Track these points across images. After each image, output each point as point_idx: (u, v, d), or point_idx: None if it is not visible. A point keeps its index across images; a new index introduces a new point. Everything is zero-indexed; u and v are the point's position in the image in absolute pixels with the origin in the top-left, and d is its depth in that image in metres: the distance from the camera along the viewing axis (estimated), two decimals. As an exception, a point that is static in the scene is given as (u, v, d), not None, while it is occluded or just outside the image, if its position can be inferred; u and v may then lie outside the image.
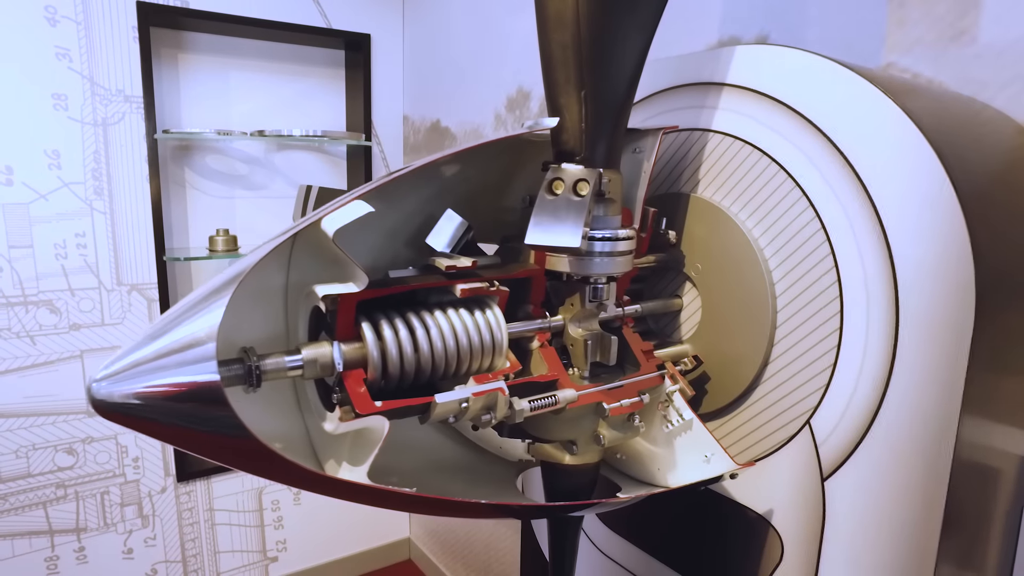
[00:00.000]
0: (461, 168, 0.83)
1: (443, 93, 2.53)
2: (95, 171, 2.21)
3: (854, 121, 0.75)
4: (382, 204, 0.76)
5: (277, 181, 2.65)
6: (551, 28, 0.73)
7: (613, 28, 0.72)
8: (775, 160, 0.82)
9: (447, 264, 0.69)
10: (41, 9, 2.08)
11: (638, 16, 0.73)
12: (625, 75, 0.74)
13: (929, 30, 1.10)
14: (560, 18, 0.72)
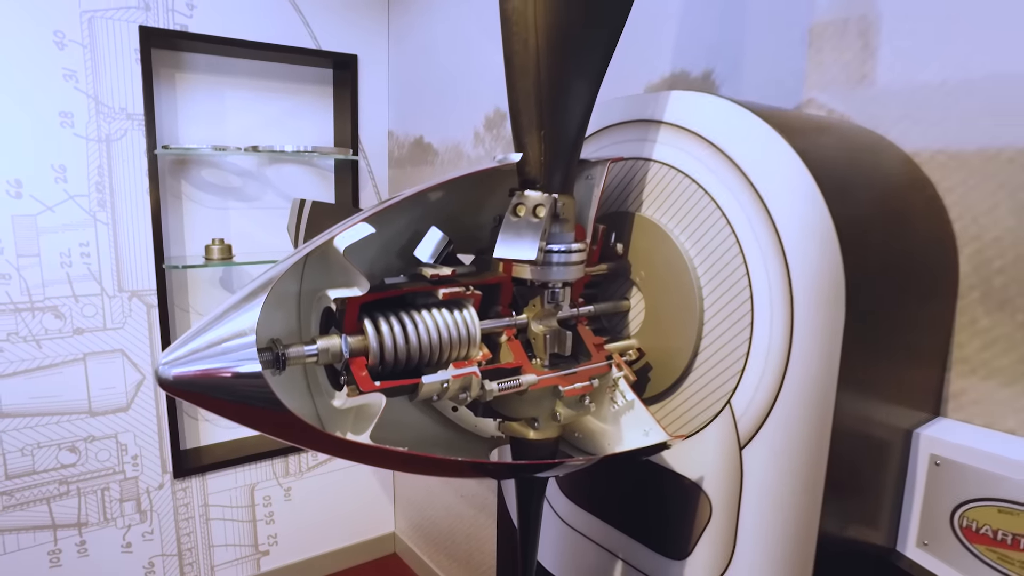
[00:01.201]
0: (443, 194, 1.00)
1: (426, 111, 2.70)
2: (99, 184, 2.35)
3: (758, 156, 0.93)
4: (378, 224, 0.93)
5: (269, 193, 2.81)
6: (517, 77, 0.91)
7: (567, 79, 0.90)
8: (701, 187, 1.00)
9: (431, 273, 0.86)
10: (50, 34, 2.22)
11: (588, 70, 0.91)
12: (577, 118, 0.91)
13: (840, 73, 1.30)
14: (524, 68, 0.90)
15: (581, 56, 0.89)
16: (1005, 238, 1.07)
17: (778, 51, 1.41)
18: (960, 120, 1.13)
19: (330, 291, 0.80)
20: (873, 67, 1.26)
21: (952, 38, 1.14)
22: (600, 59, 0.90)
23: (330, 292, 0.80)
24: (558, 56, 0.88)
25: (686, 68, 1.61)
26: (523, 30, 0.87)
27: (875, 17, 1.25)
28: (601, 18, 0.88)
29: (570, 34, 0.88)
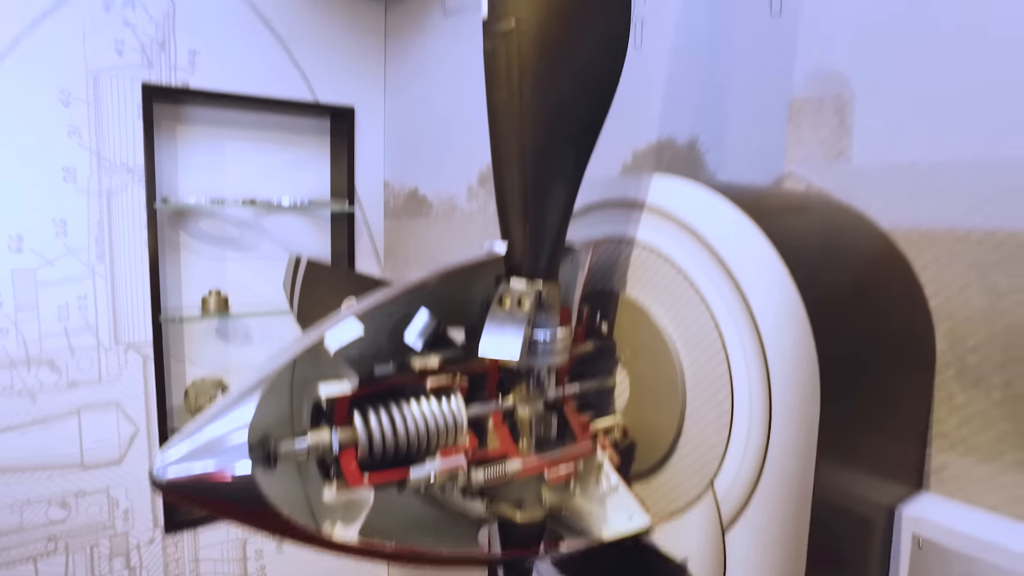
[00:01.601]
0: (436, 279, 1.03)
1: (421, 163, 2.76)
2: (98, 238, 2.39)
3: (735, 245, 0.97)
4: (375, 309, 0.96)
5: (266, 243, 2.85)
6: (503, 171, 0.95)
7: (551, 169, 0.94)
8: (683, 272, 1.03)
9: (420, 365, 0.88)
10: (57, 93, 2.28)
11: (572, 165, 0.95)
12: (561, 208, 0.95)
13: (817, 149, 1.35)
14: (510, 162, 0.94)
15: (565, 147, 0.93)
16: (976, 317, 1.10)
17: (760, 123, 1.46)
18: (932, 200, 1.17)
19: (321, 387, 0.83)
20: (849, 144, 1.30)
21: (920, 122, 1.19)
22: (584, 150, 0.94)
23: (321, 389, 0.82)
24: (543, 148, 0.92)
25: (672, 135, 1.66)
26: (509, 122, 0.91)
27: (849, 97, 1.30)
28: (584, 110, 0.92)
29: (555, 126, 0.92)
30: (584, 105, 0.92)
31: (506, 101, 0.91)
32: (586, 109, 0.92)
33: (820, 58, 1.35)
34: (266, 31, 2.70)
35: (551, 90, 0.90)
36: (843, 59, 1.31)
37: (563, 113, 0.90)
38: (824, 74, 1.34)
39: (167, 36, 2.48)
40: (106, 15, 2.36)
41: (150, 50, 2.45)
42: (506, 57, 0.91)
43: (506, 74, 0.91)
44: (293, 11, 2.76)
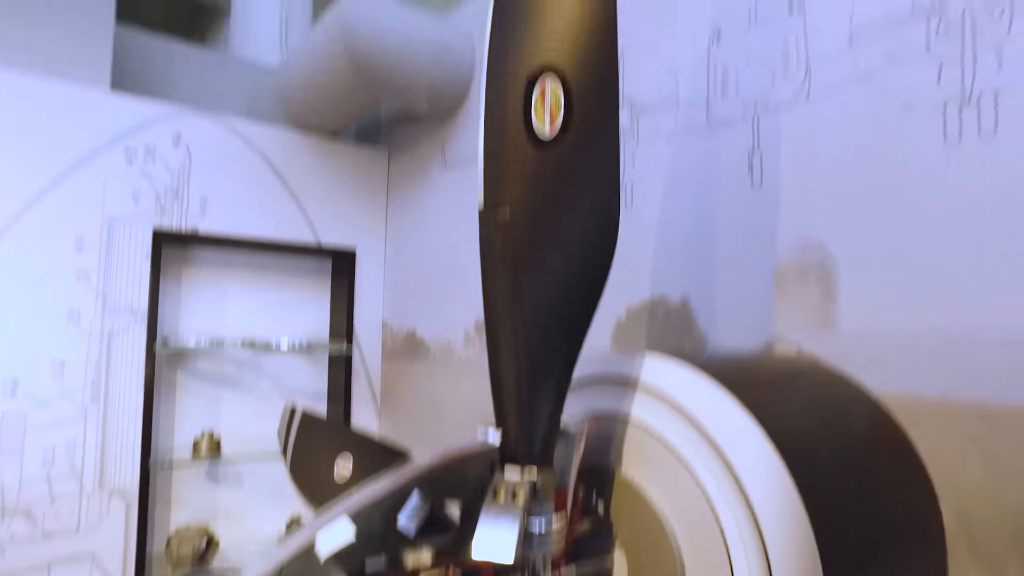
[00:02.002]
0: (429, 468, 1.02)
1: (420, 306, 2.81)
2: (95, 379, 2.38)
3: (727, 430, 0.97)
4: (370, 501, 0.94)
5: (264, 383, 2.84)
6: (500, 359, 0.96)
7: (546, 359, 0.96)
8: (676, 453, 1.02)
9: (413, 562, 0.86)
10: (72, 240, 2.37)
11: (566, 348, 0.97)
12: (555, 392, 0.96)
13: (804, 315, 1.38)
14: (507, 351, 0.96)
15: (560, 336, 0.95)
16: (981, 494, 1.08)
17: (747, 288, 1.51)
18: (919, 368, 1.18)
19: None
20: (835, 312, 1.34)
21: (899, 293, 1.23)
22: (577, 342, 0.96)
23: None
24: (537, 337, 0.94)
25: (665, 293, 1.71)
26: (505, 311, 0.94)
27: (832, 266, 1.36)
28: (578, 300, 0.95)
29: (549, 316, 0.95)
30: (578, 293, 0.95)
31: (500, 289, 0.94)
32: (580, 296, 0.95)
33: (801, 228, 1.42)
34: (275, 179, 2.85)
35: (545, 279, 0.94)
36: (823, 230, 1.38)
37: (558, 302, 0.93)
38: (806, 243, 1.41)
39: (181, 184, 2.61)
40: (128, 167, 2.50)
41: (164, 198, 2.57)
42: (501, 245, 0.96)
43: (501, 262, 0.95)
44: (301, 160, 2.93)
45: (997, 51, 1.16)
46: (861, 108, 1.34)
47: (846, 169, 1.35)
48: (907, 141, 1.26)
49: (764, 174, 1.51)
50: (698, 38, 1.71)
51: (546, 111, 1.01)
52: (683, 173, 1.71)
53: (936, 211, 1.20)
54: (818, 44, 1.45)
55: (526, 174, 1.00)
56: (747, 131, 1.57)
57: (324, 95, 2.69)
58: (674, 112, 1.76)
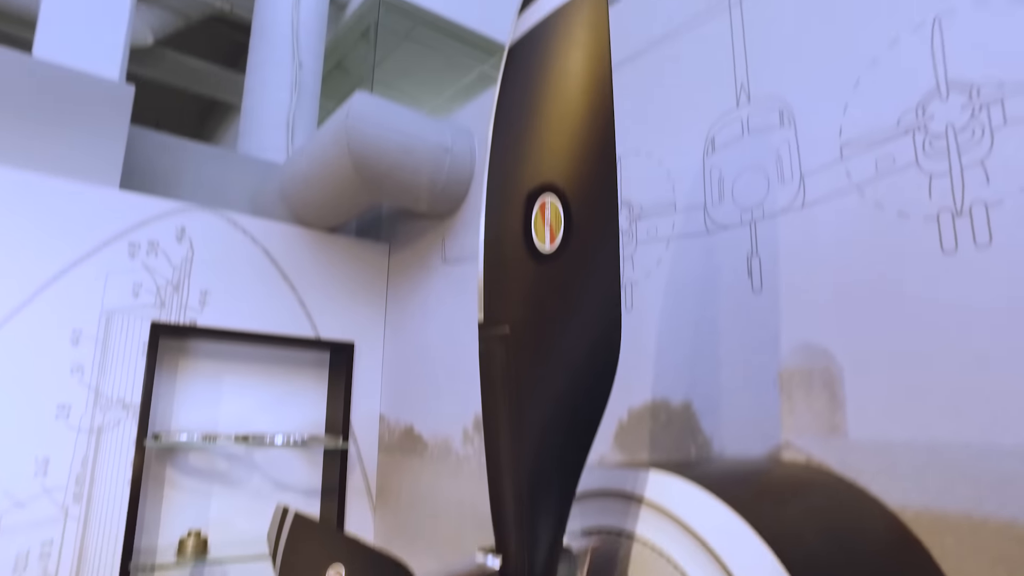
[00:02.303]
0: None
1: (418, 401, 2.77)
2: (79, 476, 2.31)
3: (735, 549, 0.92)
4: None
5: (256, 478, 2.75)
6: (500, 478, 0.93)
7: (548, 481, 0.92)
8: (684, 572, 0.97)
9: None
10: (69, 332, 2.36)
11: (568, 468, 0.93)
12: (557, 514, 0.92)
13: (812, 420, 1.35)
14: (509, 471, 0.93)
15: (562, 454, 0.92)
16: (1013, 624, 1.02)
17: (752, 392, 1.49)
18: (937, 481, 1.14)
19: None
20: (843, 418, 1.31)
21: (909, 401, 1.21)
22: (580, 458, 0.93)
23: None
24: (538, 455, 0.91)
25: (666, 396, 1.68)
26: (506, 430, 0.91)
27: (837, 371, 1.34)
28: (581, 426, 0.93)
29: (551, 433, 0.93)
30: (580, 410, 0.93)
31: (500, 406, 0.92)
32: (582, 413, 0.93)
33: (804, 333, 1.41)
34: (275, 272, 2.88)
35: (547, 396, 0.92)
36: (826, 335, 1.37)
37: (559, 420, 0.91)
38: (809, 348, 1.40)
39: (182, 278, 2.63)
40: (130, 261, 2.53)
41: (164, 291, 2.58)
42: (502, 361, 0.95)
43: (501, 377, 0.94)
44: (302, 253, 2.97)
45: (983, 167, 1.20)
46: (857, 216, 1.37)
47: (846, 275, 1.36)
48: (905, 249, 1.27)
49: (764, 278, 1.52)
50: (693, 146, 1.77)
51: (546, 227, 1.02)
52: (683, 276, 1.72)
53: (940, 318, 1.19)
54: (810, 155, 1.49)
55: (527, 289, 1.01)
56: (745, 236, 1.59)
57: (326, 194, 2.76)
58: (672, 216, 1.79)
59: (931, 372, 1.19)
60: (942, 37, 1.30)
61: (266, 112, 4.17)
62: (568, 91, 1.08)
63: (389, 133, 2.51)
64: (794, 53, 1.57)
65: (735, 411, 1.51)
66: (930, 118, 1.29)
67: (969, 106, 1.24)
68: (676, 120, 1.84)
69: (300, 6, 4.52)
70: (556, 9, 1.15)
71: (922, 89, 1.31)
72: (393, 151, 2.52)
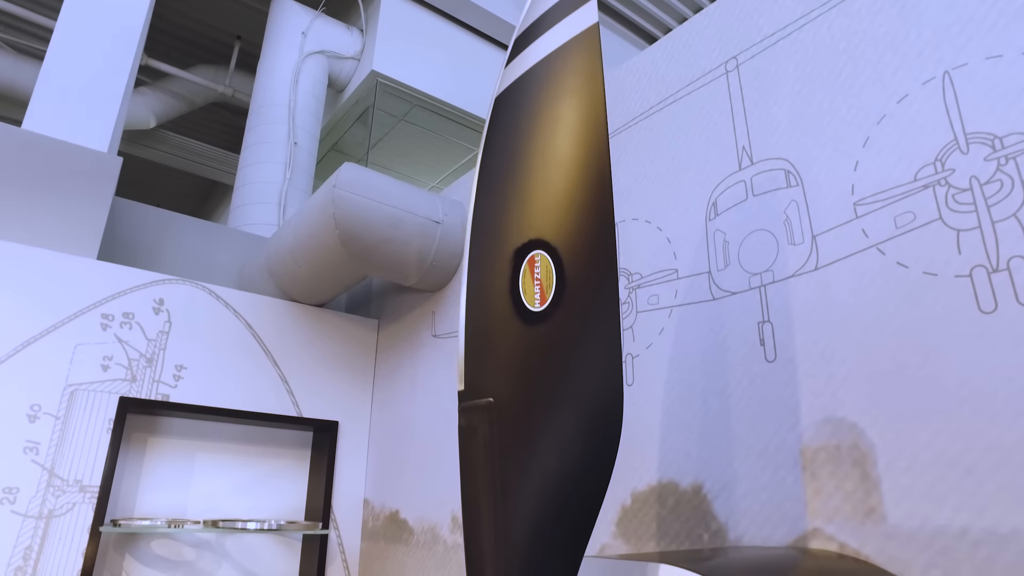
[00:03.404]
0: None
1: (404, 485, 2.56)
2: (19, 569, 2.07)
3: None
4: None
5: (225, 567, 2.50)
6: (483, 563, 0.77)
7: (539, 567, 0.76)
8: None
9: None
10: (27, 408, 2.18)
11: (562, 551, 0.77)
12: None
13: (844, 503, 1.19)
14: (490, 555, 0.76)
15: (556, 540, 0.77)
16: None
17: (770, 472, 1.33)
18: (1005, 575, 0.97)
19: None
20: (879, 500, 1.15)
21: (958, 480, 1.05)
22: (578, 540, 0.78)
23: None
24: (528, 543, 0.76)
25: (674, 478, 1.51)
26: (486, 511, 0.76)
27: (867, 447, 1.19)
28: (576, 511, 0.78)
29: (542, 517, 0.77)
30: (575, 493, 0.78)
31: (483, 487, 0.78)
32: (577, 497, 0.78)
33: (827, 404, 1.27)
34: (257, 347, 2.74)
35: (535, 476, 0.78)
36: (852, 406, 1.23)
37: (550, 506, 0.76)
38: (834, 421, 1.25)
39: (156, 351, 2.49)
40: (101, 333, 2.39)
41: (136, 365, 2.43)
42: (484, 435, 0.81)
43: (484, 455, 0.80)
44: (287, 328, 2.84)
45: (1017, 220, 1.10)
46: (878, 276, 1.26)
47: (870, 339, 1.24)
48: (935, 310, 1.15)
49: (778, 346, 1.39)
50: (695, 211, 1.69)
51: (535, 284, 0.91)
52: (688, 346, 1.59)
53: (986, 384, 1.06)
54: (821, 215, 1.40)
55: (514, 352, 0.88)
56: (755, 301, 1.48)
57: (312, 267, 2.66)
58: (674, 283, 1.68)
59: (983, 445, 1.04)
60: (955, 91, 1.24)
61: (259, 188, 4.15)
62: (560, 139, 1.00)
63: (377, 204, 2.44)
64: (797, 114, 1.51)
65: (753, 494, 1.34)
66: (951, 172, 1.21)
67: (993, 157, 1.15)
68: (675, 185, 1.77)
69: (298, 87, 4.60)
70: (546, 56, 1.09)
71: (939, 143, 1.24)
72: (381, 223, 2.44)
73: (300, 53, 4.66)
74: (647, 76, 1.98)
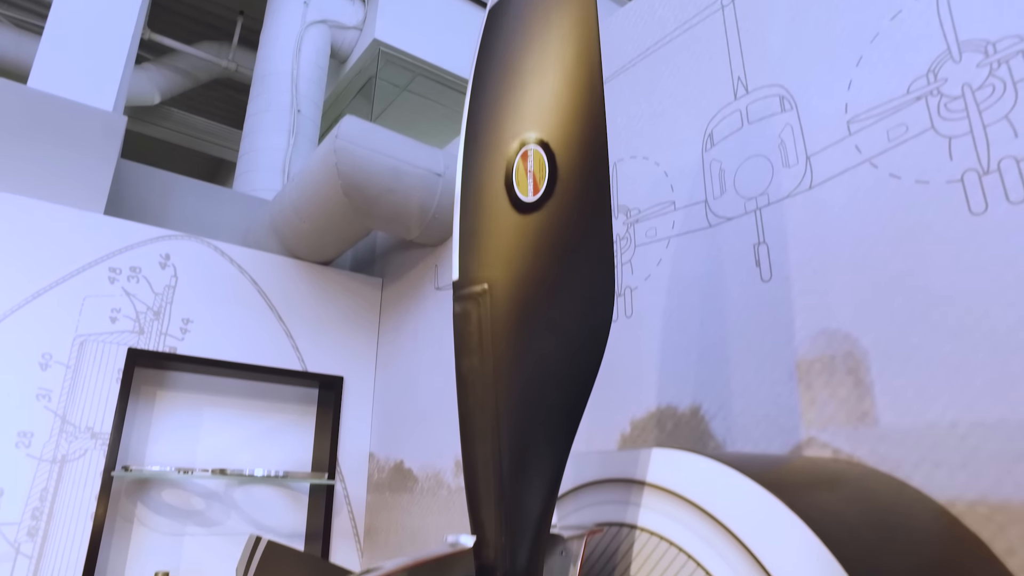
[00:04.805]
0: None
1: (408, 435, 2.60)
2: (36, 510, 2.12)
3: (765, 532, 0.77)
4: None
5: (233, 517, 2.55)
6: (473, 444, 0.79)
7: (531, 445, 0.78)
8: (700, 565, 0.81)
9: None
10: (38, 356, 2.23)
11: (556, 433, 0.79)
12: (544, 488, 0.77)
13: (838, 410, 1.21)
14: (482, 433, 0.79)
15: (547, 420, 0.79)
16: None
17: (766, 387, 1.35)
18: (991, 467, 0.99)
19: None
20: (872, 404, 1.17)
21: (950, 378, 1.07)
22: (568, 421, 0.80)
23: None
24: (520, 422, 0.78)
25: (672, 403, 1.53)
26: (481, 391, 0.79)
27: (861, 354, 1.21)
28: (567, 378, 0.80)
29: (534, 397, 0.79)
30: (568, 368, 0.80)
31: (477, 368, 0.80)
32: (570, 373, 0.80)
33: (821, 317, 1.28)
34: (263, 304, 2.77)
35: (529, 354, 0.80)
36: (846, 317, 1.24)
37: (543, 379, 0.78)
38: (828, 333, 1.26)
39: (164, 305, 2.52)
40: (109, 286, 2.43)
41: (144, 318, 2.47)
42: (477, 320, 0.83)
43: (478, 338, 0.82)
44: (292, 286, 2.87)
45: (1008, 121, 1.10)
46: (871, 190, 1.27)
47: (863, 251, 1.25)
48: (927, 217, 1.16)
49: (774, 266, 1.41)
50: (691, 144, 1.69)
51: (528, 176, 0.93)
52: (685, 273, 1.60)
53: (976, 283, 1.07)
54: (815, 135, 1.41)
55: (507, 240, 0.90)
56: (751, 225, 1.49)
57: (316, 222, 2.68)
58: (671, 215, 1.69)
59: (972, 343, 1.05)
60: (948, 2, 1.24)
61: (263, 156, 4.17)
62: (551, 40, 1.01)
63: (379, 156, 2.45)
64: (792, 41, 1.51)
65: (749, 410, 1.36)
66: (943, 81, 1.21)
67: (986, 63, 1.15)
68: (672, 121, 1.77)
69: (300, 56, 4.60)
70: (540, -33, 1.09)
71: (931, 55, 1.24)
72: (383, 174, 2.46)
73: (302, 22, 4.66)
74: (644, 20, 1.98)
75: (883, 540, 0.86)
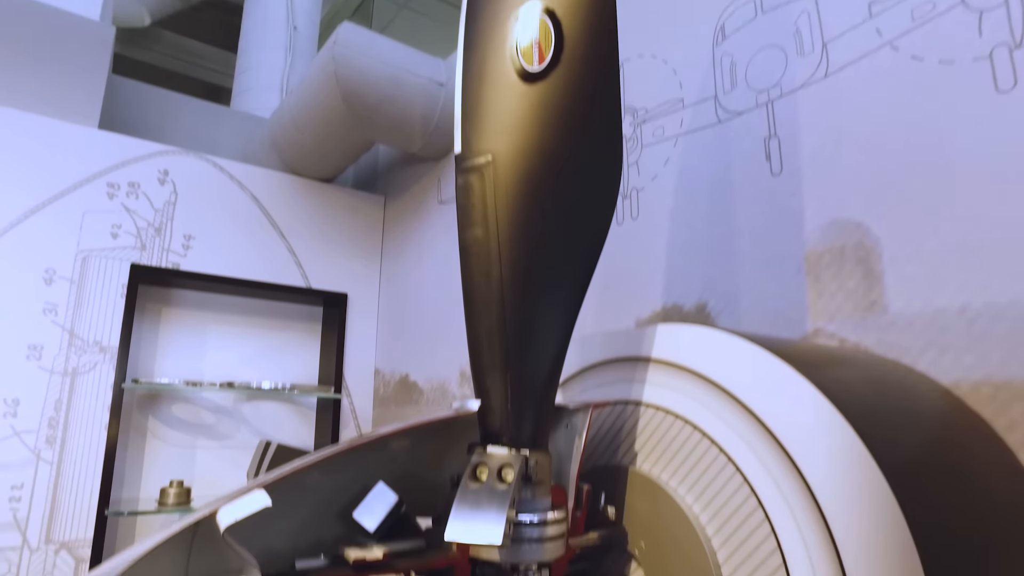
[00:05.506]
0: (397, 444, 0.82)
1: (413, 349, 2.62)
2: (52, 420, 2.17)
3: (774, 398, 0.76)
4: (320, 475, 0.74)
5: (242, 431, 2.61)
6: (478, 314, 0.78)
7: (536, 315, 0.77)
8: (707, 435, 0.81)
9: (355, 556, 0.64)
10: (41, 271, 2.22)
11: (560, 304, 0.78)
12: (549, 357, 0.77)
13: (846, 301, 1.19)
14: (486, 304, 0.77)
15: (552, 290, 0.77)
16: (1095, 496, 0.86)
17: (774, 282, 1.33)
18: (997, 348, 0.98)
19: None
20: (881, 293, 1.15)
21: (963, 262, 1.04)
22: (573, 292, 0.78)
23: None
24: (526, 290, 0.76)
25: (678, 302, 1.52)
26: (485, 262, 0.77)
27: (872, 243, 1.18)
28: (572, 249, 0.78)
29: (539, 266, 0.78)
30: (574, 239, 0.78)
31: (481, 239, 0.78)
32: (576, 243, 0.78)
33: (832, 209, 1.25)
34: (265, 221, 2.74)
35: (534, 225, 0.77)
36: (857, 207, 1.21)
37: (548, 250, 0.76)
38: (838, 224, 1.24)
39: (164, 221, 2.50)
40: (109, 202, 2.40)
41: (145, 234, 2.45)
42: (481, 192, 0.80)
43: (482, 210, 0.80)
44: (294, 203, 2.83)
45: (1044, -9, 1.04)
46: (889, 74, 1.21)
47: (878, 138, 1.20)
48: (949, 97, 1.11)
49: (784, 159, 1.36)
50: (702, 39, 1.61)
51: (534, 45, 0.88)
52: (693, 172, 1.56)
53: (995, 164, 1.03)
54: (833, 20, 1.33)
55: (512, 110, 0.86)
56: (761, 118, 1.43)
57: (316, 134, 2.61)
58: (679, 113, 1.64)
59: (987, 226, 1.02)
60: None
61: (260, 74, 4.04)
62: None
63: (379, 64, 2.37)
64: (815, -85, 1.41)
65: (756, 305, 1.35)
66: (976, -49, 1.13)
67: (1023, -73, 1.07)
68: (682, 16, 1.69)
69: (295, -31, 4.39)
70: None
71: (965, -77, 1.15)
72: (383, 83, 2.38)
73: (294, -69, 4.42)
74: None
75: (894, 409, 0.86)
